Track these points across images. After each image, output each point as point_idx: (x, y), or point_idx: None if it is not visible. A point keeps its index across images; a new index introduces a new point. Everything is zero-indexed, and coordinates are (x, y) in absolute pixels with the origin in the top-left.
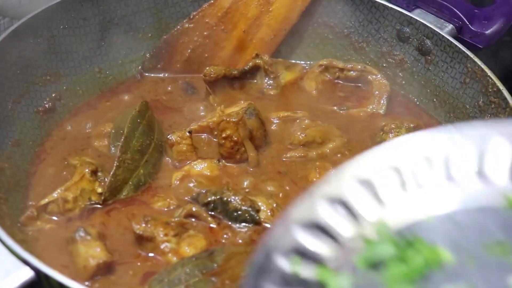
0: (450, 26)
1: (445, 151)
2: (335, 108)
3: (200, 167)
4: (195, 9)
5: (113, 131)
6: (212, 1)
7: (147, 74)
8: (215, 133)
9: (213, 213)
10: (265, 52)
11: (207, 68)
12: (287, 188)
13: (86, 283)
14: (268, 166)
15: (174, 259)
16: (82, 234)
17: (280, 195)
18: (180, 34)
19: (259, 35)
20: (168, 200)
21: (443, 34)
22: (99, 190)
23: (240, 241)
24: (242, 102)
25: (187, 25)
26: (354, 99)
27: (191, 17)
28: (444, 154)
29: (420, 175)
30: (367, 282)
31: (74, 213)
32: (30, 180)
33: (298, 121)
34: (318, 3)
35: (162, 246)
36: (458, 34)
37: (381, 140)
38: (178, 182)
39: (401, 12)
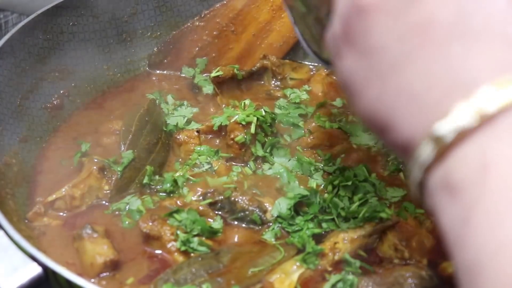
0: None
1: None
2: (342, 110)
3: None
4: (204, 8)
5: (123, 128)
6: (224, 2)
7: (151, 70)
8: (223, 133)
9: (220, 212)
10: None
11: (215, 68)
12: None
13: (92, 280)
14: None
15: (181, 258)
16: (89, 231)
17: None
18: (189, 31)
19: (269, 40)
20: (175, 199)
21: None
22: (106, 187)
23: (246, 241)
24: (247, 101)
25: (197, 23)
26: None
27: (202, 15)
28: None
29: None
30: None
31: (81, 210)
32: (37, 176)
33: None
34: None
35: (168, 245)
36: None
37: None
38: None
39: None
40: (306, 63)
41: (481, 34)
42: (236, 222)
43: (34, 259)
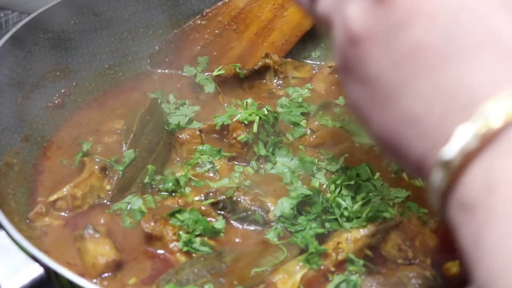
0: None
1: None
2: (345, 109)
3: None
4: (206, 6)
5: (124, 127)
6: (226, 0)
7: (153, 69)
8: (225, 132)
9: (222, 212)
10: None
11: (217, 66)
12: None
13: (94, 280)
14: None
15: (183, 258)
16: (90, 231)
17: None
18: (191, 30)
19: (271, 39)
20: (177, 198)
21: None
22: (108, 187)
23: (249, 241)
24: (249, 100)
25: (199, 22)
26: None
27: (204, 14)
28: None
29: None
30: None
31: (83, 209)
32: (38, 176)
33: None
34: None
35: (171, 246)
36: None
37: None
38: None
39: None
40: (309, 61)
41: (473, 51)
42: (238, 222)
43: (35, 259)
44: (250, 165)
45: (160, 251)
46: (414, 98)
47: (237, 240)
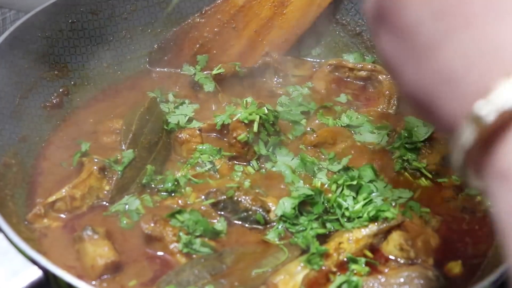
0: None
1: None
2: (345, 107)
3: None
4: (205, 4)
5: (124, 127)
6: None
7: (152, 68)
8: (225, 132)
9: (222, 212)
10: None
11: (216, 65)
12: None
13: (93, 282)
14: None
15: (183, 259)
16: (89, 232)
17: None
18: (190, 28)
19: (270, 37)
20: (176, 199)
21: None
22: (107, 187)
23: (249, 242)
24: (249, 99)
25: (198, 20)
26: (363, 98)
27: (203, 11)
28: None
29: None
30: None
31: (82, 210)
32: (37, 177)
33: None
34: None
35: (171, 247)
36: None
37: (392, 141)
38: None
39: None
40: (308, 59)
41: None
42: (239, 222)
43: (34, 262)
44: (251, 164)
45: (160, 253)
46: (454, 52)
47: (238, 240)
